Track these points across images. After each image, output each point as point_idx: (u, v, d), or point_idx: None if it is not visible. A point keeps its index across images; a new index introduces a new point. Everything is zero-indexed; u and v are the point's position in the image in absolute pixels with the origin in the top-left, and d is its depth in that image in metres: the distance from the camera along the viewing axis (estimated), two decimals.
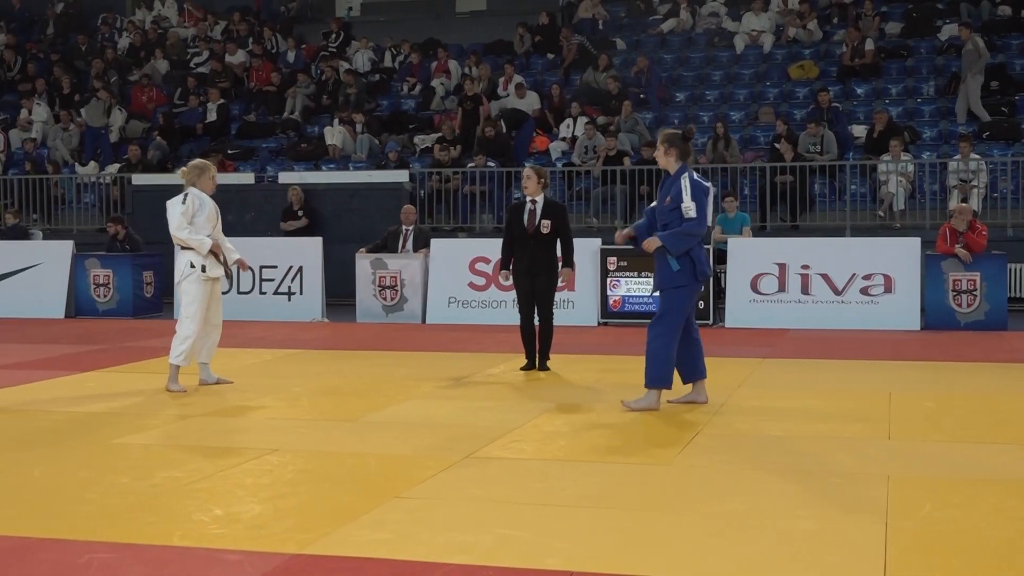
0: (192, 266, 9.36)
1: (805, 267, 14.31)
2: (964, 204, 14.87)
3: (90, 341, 13.30)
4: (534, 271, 10.37)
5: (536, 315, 10.49)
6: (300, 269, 15.86)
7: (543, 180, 10.47)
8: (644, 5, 24.00)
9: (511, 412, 8.33)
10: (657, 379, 8.24)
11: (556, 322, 9.97)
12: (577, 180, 18.62)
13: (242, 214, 18.38)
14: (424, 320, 15.20)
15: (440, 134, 19.94)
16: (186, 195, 9.39)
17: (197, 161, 9.84)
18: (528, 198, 10.46)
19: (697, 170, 9.80)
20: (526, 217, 10.41)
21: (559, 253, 10.53)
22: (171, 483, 6.23)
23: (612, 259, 14.60)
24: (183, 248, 9.45)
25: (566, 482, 6.24)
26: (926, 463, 6.70)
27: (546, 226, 10.32)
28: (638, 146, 18.83)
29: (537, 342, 10.53)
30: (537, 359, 10.52)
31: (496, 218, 18.55)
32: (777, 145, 17.85)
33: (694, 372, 8.50)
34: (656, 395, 8.32)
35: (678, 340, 8.24)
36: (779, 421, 8.04)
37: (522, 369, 10.51)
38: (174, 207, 9.38)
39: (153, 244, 17.19)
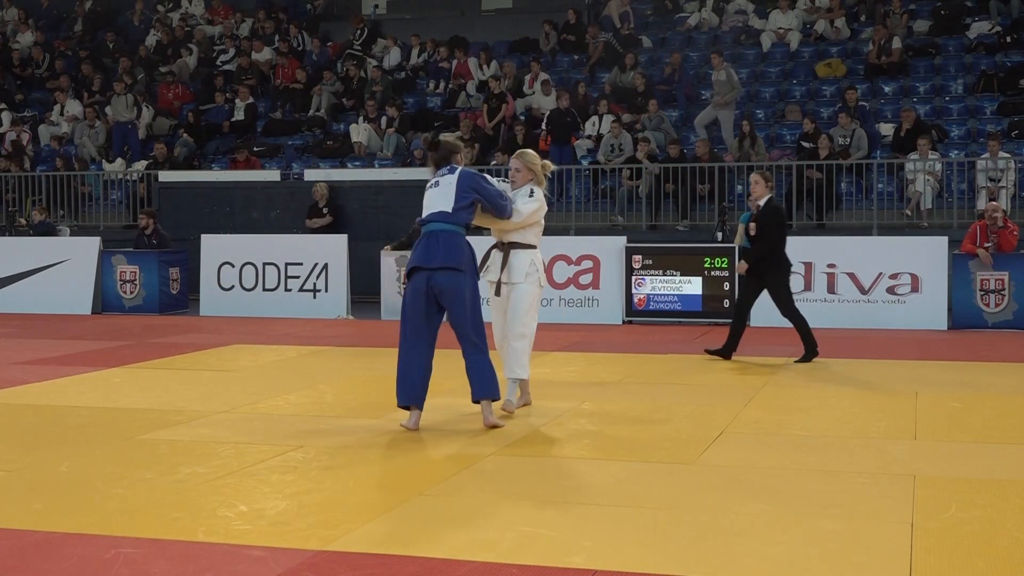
0: (533, 265, 8.09)
1: (831, 266, 14.23)
2: (995, 203, 14.75)
3: (116, 337, 13.37)
4: (758, 271, 10.91)
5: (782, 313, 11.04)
6: (325, 266, 15.88)
7: (770, 184, 11.00)
8: (671, 3, 23.92)
9: (535, 410, 8.33)
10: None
11: (581, 320, 9.86)
12: (603, 178, 18.59)
13: (268, 211, 18.45)
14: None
15: (459, 132, 19.96)
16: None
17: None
18: (755, 200, 11.09)
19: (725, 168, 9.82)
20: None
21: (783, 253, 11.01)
22: (196, 479, 6.26)
23: (637, 257, 14.56)
24: (523, 247, 8.11)
25: (590, 480, 6.24)
26: (952, 463, 6.66)
27: (752, 228, 10.89)
28: (664, 144, 18.79)
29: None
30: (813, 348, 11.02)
31: None
32: (806, 144, 17.78)
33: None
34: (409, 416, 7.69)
35: (409, 345, 7.63)
36: (804, 420, 8.02)
37: (712, 352, 11.11)
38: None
39: (179, 240, 17.28)
